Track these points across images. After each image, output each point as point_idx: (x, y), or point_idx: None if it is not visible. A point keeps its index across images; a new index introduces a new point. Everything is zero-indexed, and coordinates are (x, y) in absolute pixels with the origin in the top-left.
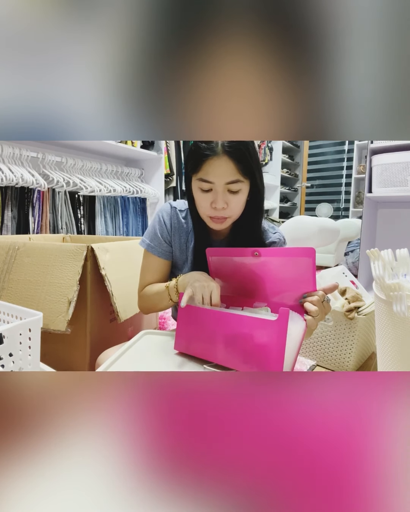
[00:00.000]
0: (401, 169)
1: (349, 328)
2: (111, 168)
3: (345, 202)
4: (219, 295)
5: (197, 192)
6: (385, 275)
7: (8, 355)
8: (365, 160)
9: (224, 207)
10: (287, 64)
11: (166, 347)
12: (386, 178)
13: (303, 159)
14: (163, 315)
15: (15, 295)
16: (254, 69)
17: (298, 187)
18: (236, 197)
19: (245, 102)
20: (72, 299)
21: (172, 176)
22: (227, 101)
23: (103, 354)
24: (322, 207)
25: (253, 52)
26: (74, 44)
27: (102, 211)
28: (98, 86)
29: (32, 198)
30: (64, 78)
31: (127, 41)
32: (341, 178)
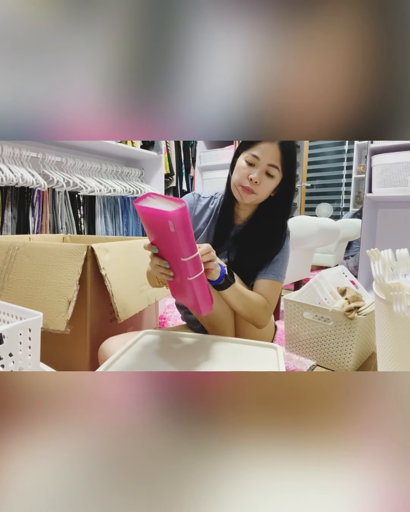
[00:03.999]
0: (401, 169)
1: (349, 328)
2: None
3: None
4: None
5: (242, 163)
6: (385, 275)
7: (8, 355)
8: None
9: (257, 182)
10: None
11: (166, 346)
12: (386, 178)
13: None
14: (163, 315)
15: (15, 295)
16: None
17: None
18: (268, 180)
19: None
20: (72, 299)
21: (172, 176)
22: (227, 101)
23: (107, 342)
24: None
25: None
26: (74, 45)
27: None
28: (98, 87)
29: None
30: (64, 79)
31: (127, 42)
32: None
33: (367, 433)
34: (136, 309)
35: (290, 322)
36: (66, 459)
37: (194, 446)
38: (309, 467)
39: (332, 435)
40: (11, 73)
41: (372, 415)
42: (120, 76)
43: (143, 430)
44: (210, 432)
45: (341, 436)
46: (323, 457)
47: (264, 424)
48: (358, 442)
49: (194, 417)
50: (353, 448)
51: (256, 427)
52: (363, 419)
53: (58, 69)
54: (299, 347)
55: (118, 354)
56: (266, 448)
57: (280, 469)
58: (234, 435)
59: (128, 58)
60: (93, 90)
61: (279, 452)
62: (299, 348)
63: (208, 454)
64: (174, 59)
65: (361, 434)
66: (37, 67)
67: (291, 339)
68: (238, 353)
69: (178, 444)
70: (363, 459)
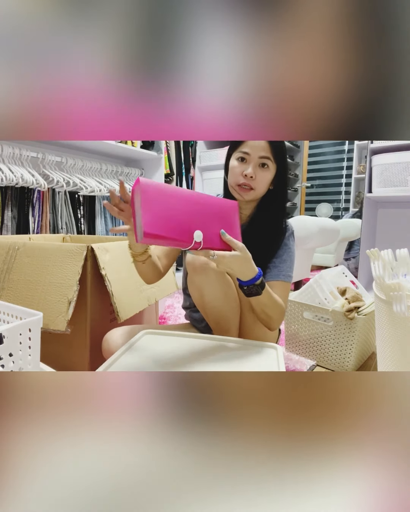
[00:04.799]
0: (401, 169)
1: (349, 328)
2: (111, 168)
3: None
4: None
5: (234, 163)
6: (385, 275)
7: (8, 355)
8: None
9: (253, 176)
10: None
11: (166, 346)
12: (386, 178)
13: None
14: (163, 315)
15: (15, 295)
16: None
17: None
18: (263, 172)
19: (245, 102)
20: (72, 299)
21: (172, 176)
22: (227, 102)
23: (111, 332)
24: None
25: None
26: (74, 45)
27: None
28: (98, 87)
29: (32, 198)
30: (64, 79)
31: (127, 42)
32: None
33: (367, 433)
34: (137, 309)
35: (290, 322)
36: (66, 459)
37: (194, 446)
38: (309, 467)
39: (332, 435)
40: (11, 73)
41: (372, 415)
42: (121, 76)
43: (143, 430)
44: (210, 432)
45: (341, 436)
46: (323, 456)
47: (264, 424)
48: (358, 442)
49: (194, 417)
50: (353, 448)
51: (256, 427)
52: (363, 419)
53: (58, 69)
54: (299, 347)
55: (118, 354)
56: (266, 448)
57: (280, 468)
58: (234, 435)
59: (128, 58)
60: (93, 90)
61: (279, 451)
62: (299, 348)
63: (208, 454)
64: (174, 59)
65: (361, 434)
66: (37, 67)
67: (291, 339)
68: (238, 353)
69: (178, 444)
70: (364, 459)
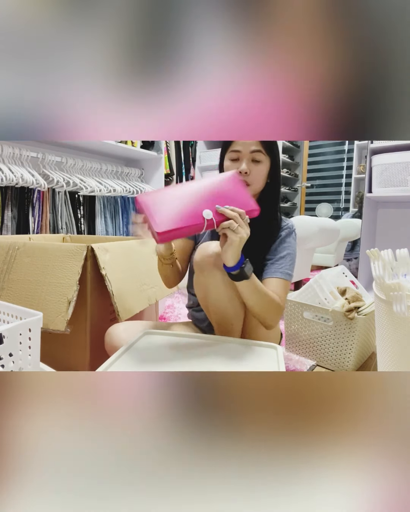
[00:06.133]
0: (401, 169)
1: (349, 328)
2: (111, 168)
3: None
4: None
5: (228, 163)
6: (385, 275)
7: (8, 355)
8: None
9: (247, 172)
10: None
11: (166, 346)
12: (386, 178)
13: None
14: (163, 315)
15: (15, 295)
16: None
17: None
18: (258, 166)
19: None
20: (72, 299)
21: (172, 176)
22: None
23: (115, 326)
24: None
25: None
26: (74, 45)
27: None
28: (98, 87)
29: (32, 198)
30: (64, 79)
31: (127, 42)
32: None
33: (367, 433)
34: (137, 308)
35: (290, 322)
36: (67, 459)
37: (194, 446)
38: (309, 466)
39: (332, 434)
40: (11, 73)
41: (372, 415)
42: (121, 76)
43: (144, 430)
44: (210, 432)
45: (341, 435)
46: (324, 456)
47: (264, 423)
48: (358, 442)
49: (194, 417)
50: (353, 447)
51: (256, 427)
52: (363, 419)
53: (58, 70)
54: (299, 347)
55: (118, 354)
56: (266, 448)
57: (280, 468)
58: (234, 435)
59: (128, 58)
60: (93, 90)
61: (279, 451)
62: (299, 348)
63: (208, 454)
64: (174, 59)
65: (361, 433)
66: (37, 67)
67: (291, 339)
68: (238, 353)
69: (178, 444)
70: (364, 458)
